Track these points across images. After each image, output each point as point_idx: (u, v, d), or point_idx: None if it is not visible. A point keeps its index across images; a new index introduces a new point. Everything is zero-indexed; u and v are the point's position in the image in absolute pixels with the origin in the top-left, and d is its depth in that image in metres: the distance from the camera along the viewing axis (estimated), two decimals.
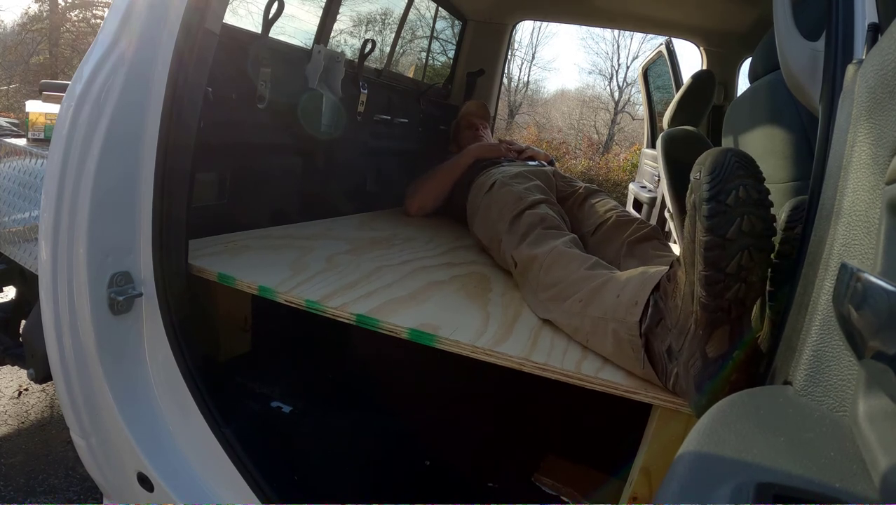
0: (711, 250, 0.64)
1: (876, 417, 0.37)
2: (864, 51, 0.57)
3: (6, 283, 1.42)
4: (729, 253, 0.64)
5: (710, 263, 0.65)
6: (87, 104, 0.84)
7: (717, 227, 0.64)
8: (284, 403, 1.18)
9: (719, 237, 0.64)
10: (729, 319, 0.67)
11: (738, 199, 0.64)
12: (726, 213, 0.64)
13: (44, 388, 1.81)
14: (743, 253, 0.64)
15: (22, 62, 9.62)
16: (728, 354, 0.67)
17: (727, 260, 0.64)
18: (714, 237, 0.64)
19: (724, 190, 0.64)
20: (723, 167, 0.65)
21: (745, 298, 0.66)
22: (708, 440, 0.40)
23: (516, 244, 1.17)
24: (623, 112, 15.09)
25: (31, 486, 1.37)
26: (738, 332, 0.67)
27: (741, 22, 2.19)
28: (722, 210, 0.64)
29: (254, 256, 1.17)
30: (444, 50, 2.90)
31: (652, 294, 0.77)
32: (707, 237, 0.64)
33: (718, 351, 0.67)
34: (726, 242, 0.64)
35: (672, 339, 0.72)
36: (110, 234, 0.88)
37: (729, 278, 0.65)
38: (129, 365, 0.92)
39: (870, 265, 0.41)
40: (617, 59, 15.61)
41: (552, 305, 0.95)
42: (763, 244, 0.65)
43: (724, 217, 0.64)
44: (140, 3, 0.86)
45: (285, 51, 1.56)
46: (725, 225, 0.64)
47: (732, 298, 0.65)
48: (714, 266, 0.65)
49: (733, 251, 0.64)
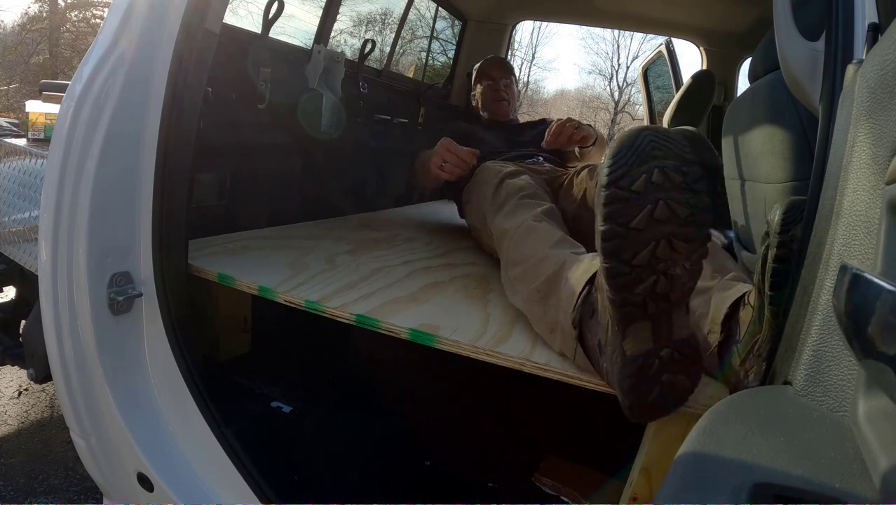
0: (610, 241, 0.59)
1: (876, 418, 0.37)
2: (864, 51, 0.57)
3: (6, 283, 1.43)
4: (635, 243, 0.59)
5: (610, 254, 0.60)
6: (87, 104, 0.84)
7: (616, 214, 0.58)
8: (284, 403, 1.18)
9: (620, 226, 0.58)
10: (647, 315, 0.62)
11: (652, 184, 0.58)
12: (630, 199, 0.58)
13: (44, 388, 1.81)
14: (658, 243, 0.58)
15: (22, 62, 9.63)
16: (653, 353, 0.62)
17: (632, 251, 0.59)
18: (613, 226, 0.59)
19: (628, 174, 0.58)
20: (631, 149, 0.59)
21: (668, 292, 0.60)
22: (708, 440, 0.40)
23: (494, 215, 1.14)
24: (623, 112, 15.10)
25: (31, 486, 1.37)
26: (664, 329, 0.62)
27: (741, 22, 2.19)
28: (624, 197, 0.58)
29: (254, 256, 1.17)
30: (444, 50, 2.90)
31: (587, 285, 0.74)
32: (605, 226, 0.59)
33: (637, 349, 0.62)
34: (630, 232, 0.58)
35: (601, 333, 0.69)
36: (110, 234, 0.88)
37: (638, 271, 0.59)
38: (128, 365, 0.92)
39: (870, 265, 0.41)
40: (617, 59, 15.63)
41: (518, 286, 0.92)
42: (690, 232, 0.59)
43: (628, 204, 0.58)
44: (140, 4, 0.86)
45: (285, 51, 1.56)
46: (628, 212, 0.58)
47: (646, 293, 0.60)
48: (615, 257, 0.59)
49: (642, 241, 0.58)
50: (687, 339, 0.63)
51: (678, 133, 0.61)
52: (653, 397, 0.63)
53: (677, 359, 0.63)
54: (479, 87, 1.91)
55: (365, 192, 2.04)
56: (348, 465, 1.07)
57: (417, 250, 1.38)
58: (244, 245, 1.24)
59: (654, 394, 0.63)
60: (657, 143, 0.59)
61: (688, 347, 0.63)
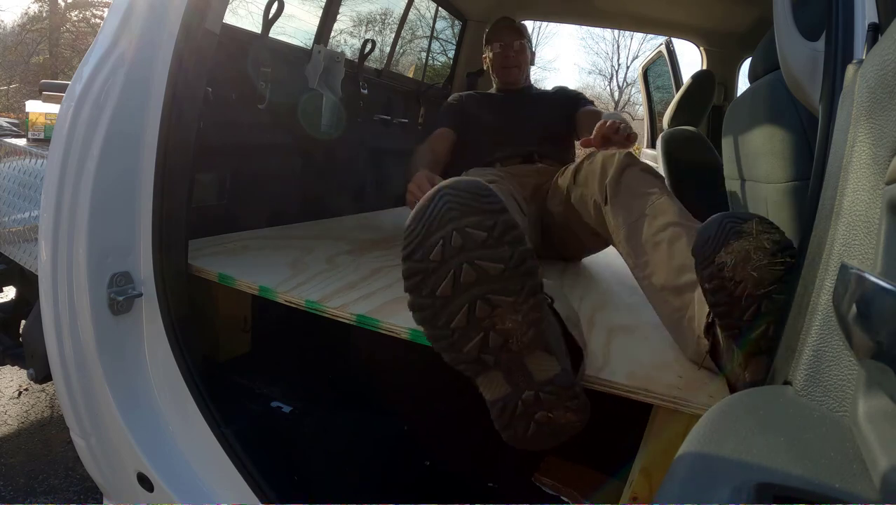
0: (419, 311, 0.58)
1: (876, 417, 0.37)
2: (864, 51, 0.57)
3: (6, 283, 1.42)
4: (446, 310, 0.57)
5: (424, 322, 0.59)
6: (87, 104, 0.84)
7: (419, 287, 0.57)
8: (284, 403, 1.18)
9: (426, 297, 0.57)
10: (494, 366, 0.60)
11: (451, 249, 0.56)
12: (430, 270, 0.56)
13: (44, 388, 1.81)
14: (473, 304, 0.57)
15: (22, 62, 9.63)
16: (513, 396, 0.61)
17: (445, 317, 0.57)
18: (418, 298, 0.58)
19: (423, 245, 0.56)
20: (425, 215, 0.57)
21: (504, 344, 0.59)
22: (708, 440, 0.40)
23: None
24: (623, 112, 15.10)
25: (31, 486, 1.37)
26: (519, 375, 0.61)
27: (741, 22, 2.20)
28: (422, 269, 0.57)
29: (254, 256, 1.17)
30: (444, 50, 2.90)
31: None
32: (410, 298, 0.58)
33: (494, 394, 0.62)
34: (438, 301, 0.57)
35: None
36: (110, 234, 0.88)
37: (460, 333, 0.58)
38: (129, 365, 0.92)
39: (870, 265, 0.41)
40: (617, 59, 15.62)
41: None
42: (509, 287, 0.57)
43: (428, 275, 0.57)
44: (140, 4, 0.86)
45: (285, 51, 1.56)
46: (431, 283, 0.57)
47: (479, 350, 0.59)
48: (430, 325, 0.58)
49: (455, 307, 0.57)
50: (552, 379, 0.61)
51: (464, 187, 0.57)
52: (531, 433, 0.63)
53: (546, 399, 0.61)
54: (488, 52, 1.76)
55: (365, 192, 2.04)
56: (348, 465, 1.07)
57: None
58: (244, 245, 1.24)
59: (532, 430, 0.62)
60: (455, 203, 0.56)
61: (555, 386, 0.61)
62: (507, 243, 0.57)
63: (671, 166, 1.98)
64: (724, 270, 0.67)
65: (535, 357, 0.61)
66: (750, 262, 0.66)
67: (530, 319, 0.59)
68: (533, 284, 0.59)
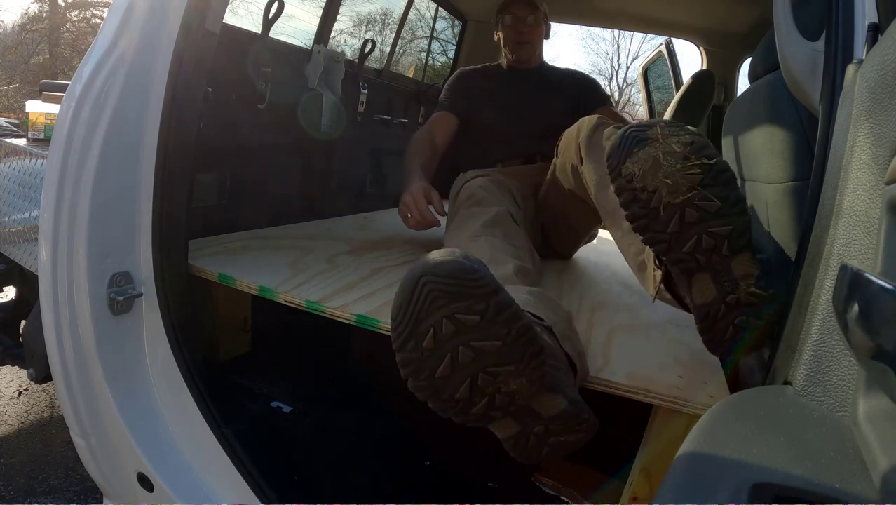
0: (422, 392, 0.58)
1: (876, 417, 0.37)
2: (864, 51, 0.57)
3: (6, 283, 1.42)
4: (448, 387, 0.57)
5: (429, 398, 0.59)
6: (87, 104, 0.84)
7: (417, 373, 0.57)
8: (284, 403, 1.18)
9: (425, 381, 0.57)
10: (504, 415, 0.61)
11: (443, 336, 0.54)
12: (424, 357, 0.56)
13: (44, 388, 1.81)
14: (475, 377, 0.56)
15: (22, 62, 9.63)
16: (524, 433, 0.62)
17: (449, 391, 0.57)
18: (418, 382, 0.57)
19: (413, 335, 0.55)
20: (409, 309, 0.55)
21: (510, 403, 0.59)
22: (708, 440, 0.40)
23: (447, 229, 1.13)
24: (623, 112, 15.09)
25: (31, 486, 1.37)
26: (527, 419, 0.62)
27: (741, 22, 2.19)
28: (417, 357, 0.56)
29: (254, 256, 1.17)
30: (444, 50, 2.90)
31: None
32: (411, 383, 0.58)
33: (506, 434, 0.63)
34: (438, 381, 0.57)
35: None
36: (110, 234, 0.88)
37: (464, 402, 0.58)
38: (128, 365, 0.92)
39: (870, 265, 0.41)
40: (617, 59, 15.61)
41: None
42: (510, 358, 0.56)
43: (424, 362, 0.56)
44: (140, 4, 0.86)
45: (285, 51, 1.56)
46: (429, 368, 0.56)
47: (487, 410, 0.59)
48: (436, 400, 0.58)
49: (456, 382, 0.57)
50: (559, 414, 0.61)
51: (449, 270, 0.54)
52: (545, 454, 0.64)
53: (555, 429, 0.62)
54: (500, 27, 1.62)
55: (365, 192, 2.04)
56: (348, 465, 1.06)
57: (417, 251, 1.38)
58: (244, 245, 1.24)
59: (546, 452, 0.64)
60: (440, 291, 0.54)
61: (563, 419, 0.62)
62: (503, 322, 0.56)
63: None
64: (632, 181, 0.64)
65: (541, 400, 0.62)
66: (660, 169, 0.63)
67: (533, 378, 0.59)
68: (534, 350, 0.58)
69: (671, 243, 0.64)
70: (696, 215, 0.63)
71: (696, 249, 0.63)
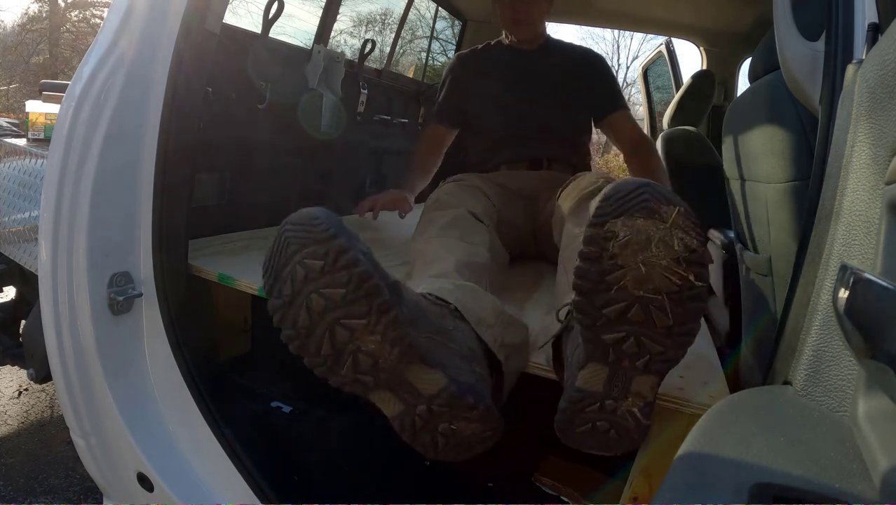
0: (292, 342, 0.59)
1: (876, 417, 0.37)
2: (864, 51, 0.57)
3: (6, 283, 1.42)
4: (310, 341, 0.58)
5: (300, 351, 0.59)
6: (87, 104, 0.84)
7: (282, 322, 0.58)
8: (284, 403, 1.18)
9: (290, 329, 0.58)
10: (376, 386, 0.61)
11: (298, 283, 0.56)
12: (287, 305, 0.57)
13: (44, 388, 1.81)
14: (332, 330, 0.57)
15: (22, 62, 9.63)
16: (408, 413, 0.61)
17: (313, 346, 0.58)
18: (286, 332, 0.59)
19: (276, 282, 0.58)
20: (273, 256, 0.58)
21: (374, 366, 0.59)
22: (708, 441, 0.40)
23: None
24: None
25: (31, 486, 1.37)
26: (404, 392, 0.61)
27: (741, 22, 2.19)
28: (280, 304, 0.58)
29: (254, 256, 1.17)
30: (444, 50, 2.90)
31: None
32: (283, 332, 0.59)
33: (392, 412, 0.63)
34: (301, 332, 0.58)
35: None
36: (110, 234, 0.88)
37: (328, 358, 0.59)
38: (128, 365, 0.92)
39: (870, 265, 0.41)
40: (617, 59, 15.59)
41: None
42: (357, 310, 0.57)
43: (288, 310, 0.57)
44: (140, 4, 0.86)
45: (285, 51, 1.56)
46: (291, 317, 0.58)
47: (352, 374, 0.59)
48: (302, 356, 0.59)
49: (317, 336, 0.58)
50: (439, 392, 0.60)
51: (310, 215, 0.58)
52: (442, 446, 0.62)
53: (440, 411, 0.60)
54: (496, 4, 1.46)
55: (365, 192, 2.04)
56: (348, 464, 1.06)
57: None
58: (244, 245, 1.24)
59: (441, 443, 0.62)
60: (293, 237, 0.57)
61: (445, 398, 0.60)
62: (343, 268, 0.56)
63: (671, 166, 1.98)
64: (609, 242, 0.56)
65: (414, 372, 0.60)
66: (645, 251, 0.55)
67: (390, 338, 0.58)
68: (381, 302, 0.57)
69: (599, 324, 0.58)
70: (642, 318, 0.57)
71: (617, 345, 0.58)
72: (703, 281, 0.56)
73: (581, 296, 0.58)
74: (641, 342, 0.57)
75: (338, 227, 0.58)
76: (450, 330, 0.66)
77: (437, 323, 0.65)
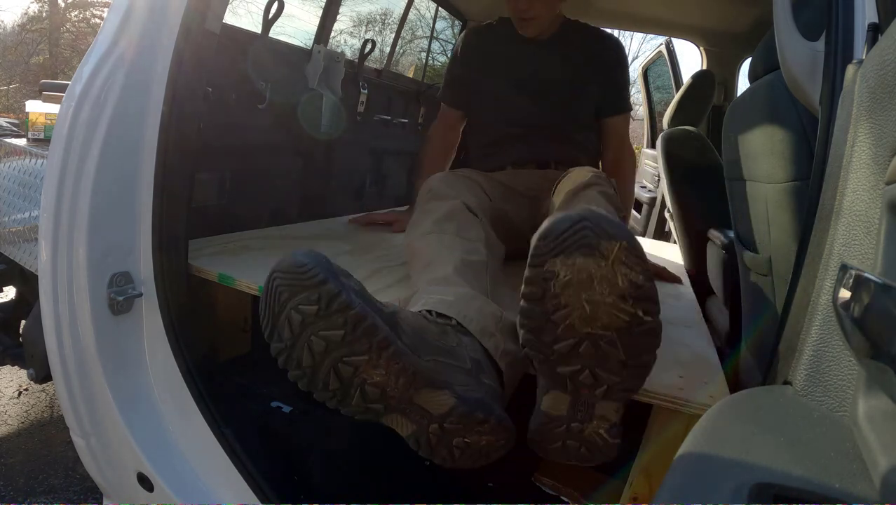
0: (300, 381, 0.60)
1: (876, 417, 0.37)
2: (864, 51, 0.57)
3: (6, 283, 1.42)
4: (316, 378, 0.60)
5: (309, 388, 0.61)
6: (87, 104, 0.84)
7: (287, 364, 0.60)
8: (284, 403, 1.18)
9: (296, 369, 0.60)
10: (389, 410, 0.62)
11: (296, 327, 0.58)
12: (288, 348, 0.59)
13: (44, 388, 1.81)
14: (336, 367, 0.59)
15: (22, 62, 9.63)
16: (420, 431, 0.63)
17: (320, 382, 0.60)
18: (291, 372, 0.60)
19: (276, 327, 0.59)
20: (267, 304, 0.59)
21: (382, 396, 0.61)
22: (708, 441, 0.40)
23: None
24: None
25: (31, 486, 1.37)
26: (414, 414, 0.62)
27: (741, 22, 2.19)
28: (283, 348, 0.59)
29: (254, 256, 1.17)
30: (444, 50, 2.90)
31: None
32: (289, 374, 0.61)
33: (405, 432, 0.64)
34: (306, 371, 0.59)
35: None
36: (110, 234, 0.88)
37: (336, 392, 0.60)
38: (128, 365, 0.92)
39: (870, 265, 0.41)
40: None
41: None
42: (357, 348, 0.58)
43: (290, 353, 0.59)
44: (140, 4, 0.86)
45: (285, 51, 1.56)
46: (294, 359, 0.59)
47: (362, 404, 0.61)
48: (315, 390, 0.61)
49: (322, 374, 0.59)
50: (449, 412, 0.61)
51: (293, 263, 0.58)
52: (458, 457, 0.63)
53: (453, 428, 0.61)
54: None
55: (365, 192, 2.04)
56: (348, 464, 1.06)
57: None
58: (244, 245, 1.24)
59: (458, 454, 0.63)
60: (283, 284, 0.58)
61: (456, 416, 0.61)
62: (337, 312, 0.57)
63: (671, 166, 1.98)
64: (550, 282, 0.55)
65: (422, 395, 0.61)
66: (588, 289, 0.53)
67: (394, 370, 0.59)
68: (380, 340, 0.58)
69: (552, 359, 0.59)
70: (592, 353, 0.57)
71: (573, 377, 0.59)
72: (651, 316, 0.55)
73: (529, 333, 0.59)
74: (597, 374, 0.58)
75: (326, 270, 0.58)
76: (453, 347, 0.67)
77: (440, 344, 0.66)
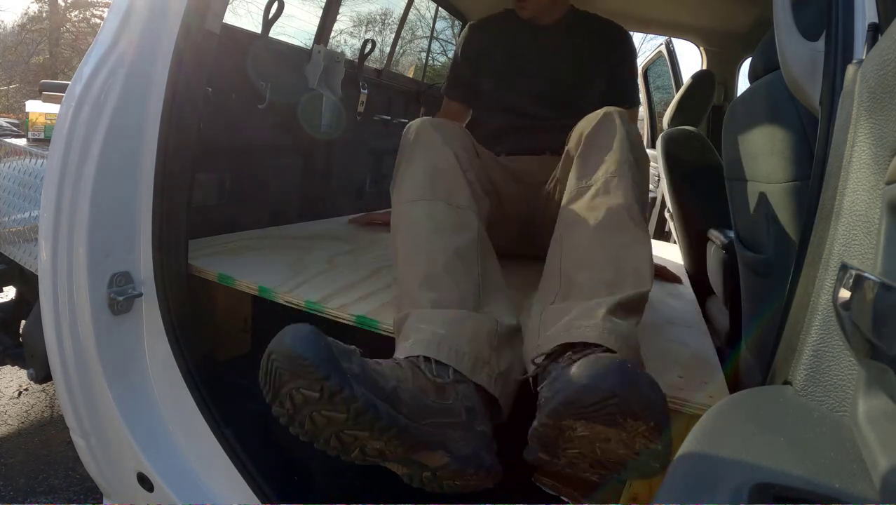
0: (304, 436, 0.63)
1: (876, 417, 0.37)
2: (864, 51, 0.57)
3: (6, 283, 1.42)
4: (322, 439, 0.63)
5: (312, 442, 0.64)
6: (87, 104, 0.84)
7: (290, 424, 0.63)
8: None
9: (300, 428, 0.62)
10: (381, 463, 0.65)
11: (298, 404, 0.60)
12: (291, 415, 0.62)
13: (44, 388, 1.81)
14: (339, 435, 0.62)
15: (22, 62, 9.63)
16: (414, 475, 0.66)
17: (324, 442, 0.63)
18: (296, 429, 0.63)
19: (278, 398, 0.61)
20: (267, 378, 0.61)
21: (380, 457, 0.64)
22: (708, 440, 0.40)
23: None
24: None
25: (31, 486, 1.37)
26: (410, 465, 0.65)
27: (741, 22, 2.19)
28: (285, 413, 0.62)
29: (254, 256, 1.17)
30: (444, 50, 2.90)
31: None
32: (292, 430, 0.63)
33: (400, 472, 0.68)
34: (309, 433, 0.62)
35: None
36: (110, 234, 0.88)
37: (342, 451, 0.64)
38: (128, 365, 0.92)
39: (870, 265, 0.41)
40: None
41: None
42: (360, 426, 0.60)
43: (293, 418, 0.62)
44: (140, 4, 0.86)
45: (285, 51, 1.56)
46: (298, 422, 0.62)
47: (362, 457, 0.64)
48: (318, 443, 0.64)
49: (325, 438, 0.62)
50: (443, 466, 0.64)
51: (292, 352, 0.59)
52: (449, 490, 0.67)
53: (444, 475, 0.65)
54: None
55: (365, 192, 2.04)
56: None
57: None
58: (244, 245, 1.24)
59: (446, 490, 0.67)
60: (282, 368, 0.59)
61: (448, 471, 0.64)
62: (340, 403, 0.59)
63: (671, 166, 1.98)
64: (566, 432, 0.60)
65: (420, 455, 0.64)
66: (604, 444, 0.59)
67: (394, 444, 0.62)
68: (382, 426, 0.60)
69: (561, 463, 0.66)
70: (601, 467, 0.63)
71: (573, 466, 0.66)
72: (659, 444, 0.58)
73: (539, 445, 0.64)
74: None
75: (327, 364, 0.58)
76: (449, 405, 0.67)
77: (437, 406, 0.67)
